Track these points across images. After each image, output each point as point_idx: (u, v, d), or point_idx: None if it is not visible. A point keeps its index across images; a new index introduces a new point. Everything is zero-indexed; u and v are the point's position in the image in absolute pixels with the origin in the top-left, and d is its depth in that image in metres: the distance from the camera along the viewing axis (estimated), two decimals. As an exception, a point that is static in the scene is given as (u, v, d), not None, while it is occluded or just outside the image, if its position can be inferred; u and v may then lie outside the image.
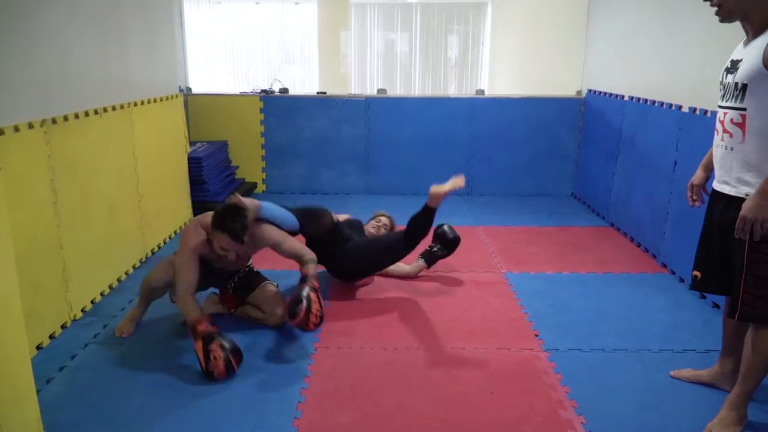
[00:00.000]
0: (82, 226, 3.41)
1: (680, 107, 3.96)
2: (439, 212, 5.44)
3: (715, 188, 2.41)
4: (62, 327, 3.20)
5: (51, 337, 3.09)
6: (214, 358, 2.68)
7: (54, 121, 3.12)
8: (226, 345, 2.73)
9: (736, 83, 2.22)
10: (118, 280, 3.84)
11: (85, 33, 3.52)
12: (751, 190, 2.19)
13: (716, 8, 2.23)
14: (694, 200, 2.65)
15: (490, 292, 3.75)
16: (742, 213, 2.16)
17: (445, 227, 4.05)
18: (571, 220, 5.30)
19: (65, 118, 3.23)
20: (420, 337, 3.16)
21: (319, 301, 2.97)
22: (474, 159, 6.09)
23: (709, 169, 2.57)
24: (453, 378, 2.78)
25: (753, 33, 2.20)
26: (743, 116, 2.21)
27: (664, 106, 4.20)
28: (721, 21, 2.26)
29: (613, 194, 5.11)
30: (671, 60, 4.14)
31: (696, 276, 2.55)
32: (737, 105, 2.23)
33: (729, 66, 2.31)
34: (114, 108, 3.81)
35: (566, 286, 3.85)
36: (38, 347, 2.98)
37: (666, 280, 3.94)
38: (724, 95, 2.32)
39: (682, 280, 3.89)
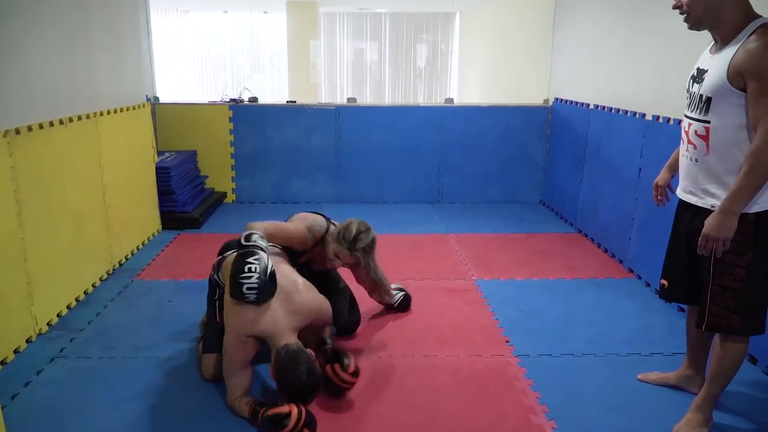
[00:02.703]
0: (47, 237, 3.34)
1: (644, 115, 4.05)
2: (409, 220, 5.50)
3: (681, 198, 2.43)
4: (27, 341, 3.13)
5: (16, 351, 3.02)
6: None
7: (17, 131, 3.07)
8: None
9: (701, 95, 2.23)
10: (85, 292, 3.77)
11: (50, 43, 3.46)
12: (716, 202, 2.21)
13: (685, 15, 2.22)
14: (659, 200, 2.69)
15: (461, 300, 3.77)
16: (704, 231, 2.18)
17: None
18: (540, 227, 5.37)
19: (29, 129, 3.18)
20: (392, 346, 3.17)
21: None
22: (444, 167, 6.13)
23: (674, 169, 2.59)
24: (425, 385, 2.79)
25: (720, 42, 2.20)
26: (707, 129, 2.22)
27: (629, 114, 4.29)
28: (690, 28, 2.26)
29: (580, 201, 5.19)
30: (635, 69, 4.23)
31: (664, 284, 2.58)
32: (701, 117, 2.23)
33: (695, 74, 2.31)
34: (80, 118, 3.76)
35: (536, 292, 3.89)
36: (2, 362, 2.91)
37: (633, 285, 4.02)
38: (689, 104, 2.32)
39: (648, 285, 3.96)
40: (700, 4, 2.16)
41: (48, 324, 3.33)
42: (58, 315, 3.43)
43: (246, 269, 2.45)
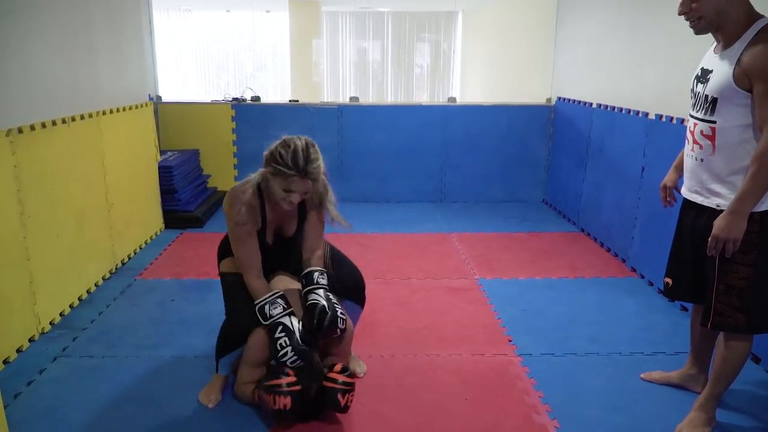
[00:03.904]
0: (49, 237, 3.34)
1: (647, 114, 4.04)
2: (411, 219, 5.50)
3: (686, 197, 2.43)
4: (30, 341, 3.14)
5: (18, 351, 3.02)
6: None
7: (20, 130, 3.07)
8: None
9: (706, 95, 2.22)
10: (88, 291, 3.78)
11: (52, 42, 3.46)
12: (722, 201, 2.22)
13: (695, 21, 2.20)
14: (667, 201, 2.68)
15: (463, 299, 3.77)
16: (714, 232, 2.18)
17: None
18: (543, 226, 5.36)
19: (32, 128, 3.18)
20: (394, 345, 3.17)
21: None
22: (446, 166, 6.13)
23: (680, 170, 2.57)
24: (427, 385, 2.79)
25: (724, 42, 2.19)
26: (713, 129, 2.21)
27: (632, 113, 4.28)
28: (697, 33, 2.24)
29: (582, 200, 5.18)
30: (637, 68, 4.22)
31: (668, 283, 2.58)
32: (707, 117, 2.23)
33: (699, 74, 2.30)
34: (82, 117, 3.76)
35: (538, 292, 3.89)
36: (5, 362, 2.91)
37: (635, 284, 4.01)
38: (694, 104, 2.32)
39: (651, 284, 3.95)
40: (712, 8, 2.14)
41: (50, 323, 3.33)
42: (60, 314, 3.44)
43: (279, 347, 2.41)
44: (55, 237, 3.41)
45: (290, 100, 6.34)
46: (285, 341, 2.40)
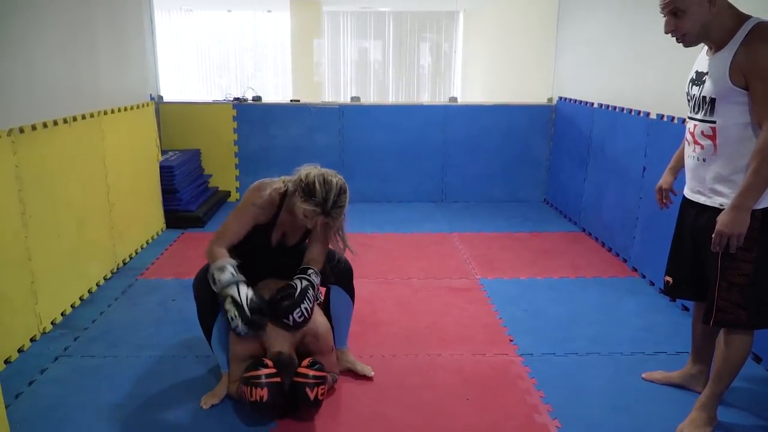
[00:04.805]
0: (51, 237, 3.35)
1: (648, 114, 4.04)
2: (412, 219, 5.50)
3: (687, 197, 2.45)
4: (31, 340, 3.14)
5: (20, 350, 3.03)
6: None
7: (21, 130, 3.07)
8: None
9: (704, 97, 2.25)
10: (89, 291, 3.78)
11: (53, 41, 3.47)
12: (725, 200, 2.23)
13: (681, 37, 2.25)
14: (663, 203, 2.70)
15: (464, 299, 3.77)
16: (718, 228, 2.20)
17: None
18: (544, 226, 5.36)
19: (33, 128, 3.18)
20: (395, 345, 3.17)
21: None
22: (447, 166, 6.13)
23: (676, 172, 2.62)
24: (428, 385, 2.79)
25: (716, 47, 2.23)
26: (713, 129, 2.24)
27: (633, 113, 4.28)
28: (686, 46, 2.29)
29: (584, 200, 5.18)
30: (639, 67, 4.22)
31: (668, 281, 2.59)
32: (707, 118, 2.25)
33: (694, 77, 2.34)
34: (84, 117, 3.76)
35: (540, 291, 3.89)
36: (6, 361, 2.91)
37: (636, 284, 4.01)
38: (693, 107, 2.34)
39: (652, 284, 3.95)
40: (696, 24, 2.18)
41: (52, 323, 3.33)
42: (62, 314, 3.44)
43: (230, 319, 2.44)
44: (57, 237, 3.41)
45: (291, 100, 6.34)
46: (234, 314, 2.42)
